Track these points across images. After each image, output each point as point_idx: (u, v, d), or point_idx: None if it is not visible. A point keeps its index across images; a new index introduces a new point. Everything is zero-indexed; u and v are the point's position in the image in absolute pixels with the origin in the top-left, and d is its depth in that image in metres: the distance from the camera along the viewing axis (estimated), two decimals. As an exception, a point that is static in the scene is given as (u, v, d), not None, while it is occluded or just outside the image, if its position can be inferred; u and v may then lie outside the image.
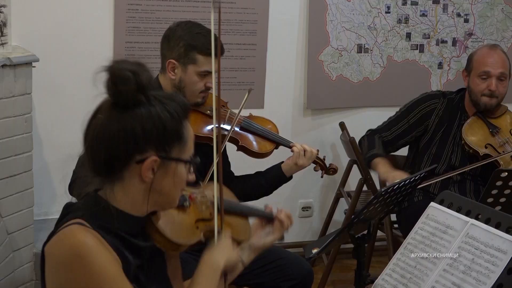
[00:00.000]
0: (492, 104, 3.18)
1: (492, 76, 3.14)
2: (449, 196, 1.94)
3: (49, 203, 3.63)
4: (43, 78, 3.36)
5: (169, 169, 1.59)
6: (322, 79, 4.06)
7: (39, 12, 3.44)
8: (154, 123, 1.55)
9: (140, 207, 1.62)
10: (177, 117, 1.59)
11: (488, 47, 3.28)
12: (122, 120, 1.55)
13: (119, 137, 1.55)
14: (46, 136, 3.55)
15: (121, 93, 1.54)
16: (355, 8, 4.04)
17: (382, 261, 3.74)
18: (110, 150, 1.56)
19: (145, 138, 1.55)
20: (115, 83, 1.54)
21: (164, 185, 1.60)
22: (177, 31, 2.58)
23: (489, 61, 3.16)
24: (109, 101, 1.58)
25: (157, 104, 1.57)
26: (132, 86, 1.54)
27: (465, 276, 1.71)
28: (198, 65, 2.55)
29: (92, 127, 1.59)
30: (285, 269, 2.66)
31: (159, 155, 1.57)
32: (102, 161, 1.57)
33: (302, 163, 2.73)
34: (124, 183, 1.59)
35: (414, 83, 4.05)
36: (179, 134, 1.60)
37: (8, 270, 3.10)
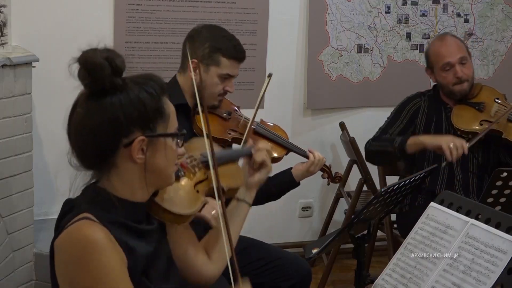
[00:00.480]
0: (466, 89, 3.19)
1: (453, 64, 3.16)
2: (449, 196, 1.94)
3: (49, 203, 3.63)
4: (43, 78, 3.36)
5: (158, 146, 1.61)
6: (322, 79, 4.06)
7: (39, 12, 3.44)
8: (134, 105, 1.57)
9: (139, 192, 1.64)
10: (156, 95, 1.61)
11: (438, 39, 3.29)
12: (102, 108, 1.56)
13: (102, 126, 1.56)
14: (46, 136, 3.55)
15: (97, 80, 1.55)
16: (355, 8, 4.04)
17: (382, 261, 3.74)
18: (97, 141, 1.57)
19: (128, 121, 1.56)
20: (90, 71, 1.55)
21: (157, 162, 1.62)
22: (202, 32, 2.62)
23: (444, 52, 3.18)
24: (85, 93, 1.59)
25: (133, 86, 1.59)
26: (107, 71, 1.55)
27: (465, 276, 1.71)
28: (221, 67, 2.59)
29: (73, 123, 1.62)
30: (284, 269, 2.66)
31: (145, 134, 1.58)
32: (91, 154, 1.59)
33: (312, 170, 2.76)
34: (119, 169, 1.60)
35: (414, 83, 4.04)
36: (161, 110, 1.62)
37: (8, 270, 3.10)
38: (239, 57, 2.62)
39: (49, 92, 3.49)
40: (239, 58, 2.63)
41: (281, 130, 2.87)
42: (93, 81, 1.55)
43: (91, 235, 1.51)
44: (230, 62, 2.60)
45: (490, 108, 3.18)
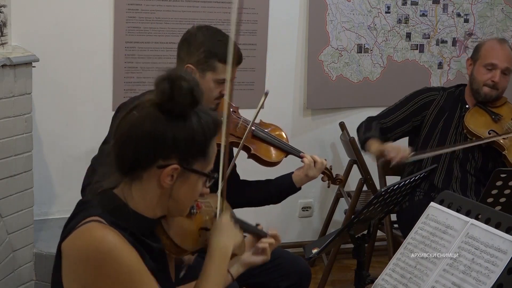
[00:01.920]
0: (492, 95, 3.23)
1: (497, 68, 3.19)
2: (449, 196, 1.94)
3: (49, 203, 3.63)
4: (43, 78, 3.36)
5: (187, 179, 1.62)
6: (322, 79, 4.06)
7: (39, 12, 3.44)
8: (185, 134, 1.58)
9: (152, 210, 1.64)
10: (208, 133, 1.62)
11: (498, 40, 3.32)
12: (157, 123, 1.57)
13: (149, 138, 1.57)
14: (46, 136, 3.55)
15: (175, 103, 1.56)
16: (355, 8, 4.04)
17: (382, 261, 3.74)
18: (138, 149, 1.58)
19: (173, 146, 1.58)
20: (174, 88, 1.55)
21: (181, 194, 1.63)
22: (198, 36, 2.55)
23: (497, 54, 3.21)
24: (152, 101, 1.59)
25: (193, 116, 1.60)
26: (188, 100, 1.57)
27: (465, 276, 1.71)
28: (217, 72, 2.53)
29: (125, 122, 1.61)
30: (283, 268, 2.66)
31: (181, 165, 1.59)
32: (127, 158, 1.59)
33: (312, 174, 2.71)
34: (142, 184, 1.61)
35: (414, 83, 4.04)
36: (205, 150, 1.63)
37: (8, 270, 3.10)
38: (236, 61, 2.56)
39: (49, 92, 3.49)
40: (236, 63, 2.56)
41: (280, 131, 2.84)
42: (171, 98, 1.56)
43: (102, 236, 1.51)
44: (226, 66, 2.52)
45: (505, 123, 3.21)
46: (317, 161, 2.71)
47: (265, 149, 2.73)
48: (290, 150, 2.77)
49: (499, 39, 3.40)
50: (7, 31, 3.11)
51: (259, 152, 2.71)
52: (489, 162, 3.22)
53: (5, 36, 3.11)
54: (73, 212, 1.65)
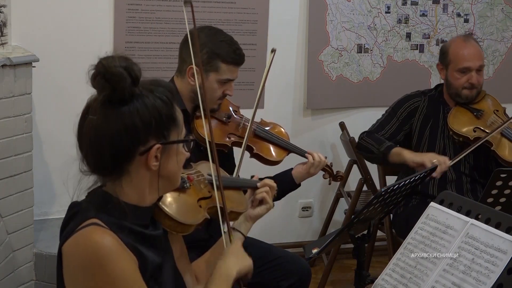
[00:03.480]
0: (473, 95, 3.20)
1: (472, 70, 3.15)
2: (449, 196, 1.94)
3: (49, 203, 3.63)
4: (43, 78, 3.36)
5: (170, 152, 1.63)
6: (322, 79, 4.06)
7: (39, 12, 3.44)
8: (151, 113, 1.58)
9: (147, 197, 1.64)
10: (168, 102, 1.62)
11: (462, 39, 3.26)
12: (119, 116, 1.56)
13: (120, 134, 1.56)
14: (46, 136, 3.55)
15: (117, 89, 1.55)
16: (355, 8, 4.04)
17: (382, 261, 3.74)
18: (113, 148, 1.57)
19: (145, 129, 1.57)
20: (109, 80, 1.55)
21: (169, 168, 1.64)
22: (200, 37, 2.53)
23: (467, 55, 3.16)
24: (98, 99, 1.58)
25: (147, 93, 1.60)
26: (128, 81, 1.55)
27: (465, 276, 1.71)
28: (220, 73, 2.55)
29: (86, 130, 1.59)
30: (283, 268, 2.66)
31: (161, 142, 1.60)
32: (106, 161, 1.58)
33: (313, 172, 2.73)
34: (131, 176, 1.61)
35: (414, 83, 4.04)
36: (174, 117, 1.64)
37: (8, 270, 3.10)
38: (238, 61, 2.58)
39: (49, 92, 3.49)
40: (239, 63, 2.59)
41: (280, 129, 2.85)
42: (113, 90, 1.55)
43: (100, 241, 1.51)
44: (230, 67, 2.56)
45: (487, 118, 3.19)
46: (321, 161, 2.74)
47: (268, 148, 2.75)
48: (292, 148, 2.78)
49: (463, 37, 3.33)
50: (7, 31, 3.11)
51: (262, 151, 2.73)
52: (481, 159, 3.21)
53: (5, 36, 3.11)
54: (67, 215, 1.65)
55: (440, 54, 3.30)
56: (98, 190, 1.64)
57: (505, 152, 3.10)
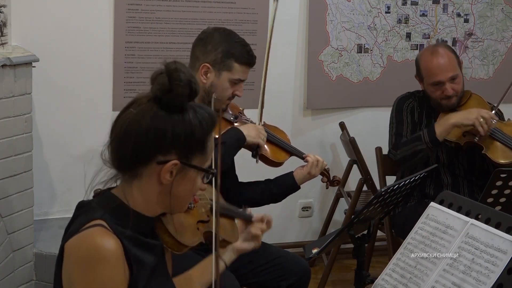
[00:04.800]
0: (454, 103, 3.16)
1: (444, 82, 3.11)
2: (449, 196, 1.94)
3: (49, 203, 3.63)
4: (43, 78, 3.36)
5: (186, 175, 1.62)
6: (322, 79, 4.06)
7: (39, 12, 3.44)
8: (185, 129, 1.58)
9: (152, 207, 1.65)
10: (206, 128, 1.62)
11: (430, 51, 3.19)
12: (156, 117, 1.57)
13: (149, 134, 1.57)
14: (46, 136, 3.55)
15: (174, 96, 1.56)
16: (355, 8, 4.04)
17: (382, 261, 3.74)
18: (136, 145, 1.57)
19: (172, 141, 1.58)
20: (172, 81, 1.55)
21: (180, 190, 1.63)
22: (215, 36, 2.60)
23: (436, 69, 3.11)
24: (149, 97, 1.59)
25: (191, 110, 1.60)
26: (186, 91, 1.56)
27: (465, 276, 1.71)
28: (233, 72, 2.59)
29: (122, 120, 1.60)
30: (283, 268, 2.67)
31: (180, 160, 1.59)
32: (125, 155, 1.59)
33: (314, 173, 2.77)
34: (142, 182, 1.61)
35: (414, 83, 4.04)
36: (204, 144, 1.63)
37: (8, 270, 3.10)
38: (251, 62, 2.64)
39: (49, 92, 3.49)
40: (251, 64, 2.64)
41: (282, 133, 2.90)
42: (169, 92, 1.56)
43: (102, 244, 1.52)
44: (242, 67, 2.60)
45: None
46: (319, 160, 2.78)
47: (273, 150, 2.79)
48: (294, 151, 2.83)
49: (431, 49, 3.23)
50: (7, 31, 3.11)
51: (268, 153, 2.77)
52: (475, 160, 3.20)
53: (5, 36, 3.11)
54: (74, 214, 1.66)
55: (416, 66, 3.27)
56: (106, 192, 1.65)
57: (497, 155, 3.08)
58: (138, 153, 1.58)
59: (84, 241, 1.54)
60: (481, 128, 2.97)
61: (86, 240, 1.53)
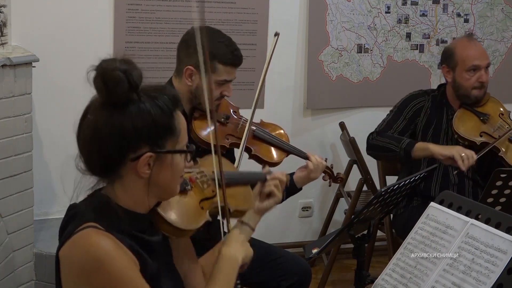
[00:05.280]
0: (482, 95, 3.19)
1: (481, 68, 3.14)
2: (449, 196, 1.94)
3: (49, 203, 3.63)
4: (43, 78, 3.36)
5: (165, 162, 1.60)
6: (322, 79, 4.06)
7: (39, 12, 3.44)
8: (145, 120, 1.56)
9: (142, 203, 1.63)
10: (168, 111, 1.59)
11: (466, 39, 3.26)
12: (112, 119, 1.55)
13: (110, 136, 1.55)
14: (46, 136, 3.55)
15: (113, 93, 1.54)
16: (355, 8, 4.04)
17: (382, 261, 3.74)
18: (103, 150, 1.56)
19: (136, 135, 1.55)
20: (107, 83, 1.54)
21: (163, 177, 1.61)
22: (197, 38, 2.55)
23: (475, 54, 3.16)
24: (98, 100, 1.58)
25: (146, 99, 1.58)
26: (125, 86, 1.54)
27: (465, 276, 1.71)
28: (218, 74, 2.52)
29: (83, 128, 1.59)
30: (283, 268, 2.66)
31: (153, 150, 1.57)
32: (96, 162, 1.58)
33: (314, 176, 2.69)
34: (123, 181, 1.59)
35: (414, 83, 4.05)
36: (171, 127, 1.60)
37: (8, 270, 3.10)
38: (235, 63, 2.56)
39: (49, 92, 3.49)
40: (236, 64, 2.57)
41: (280, 130, 2.83)
42: (109, 93, 1.54)
43: (97, 243, 1.50)
44: (227, 68, 2.53)
45: (494, 123, 3.16)
46: (320, 164, 2.70)
47: (266, 149, 2.73)
48: (292, 150, 2.76)
49: (467, 37, 3.32)
50: (7, 31, 3.11)
51: (260, 152, 2.70)
52: (485, 163, 3.19)
53: (5, 36, 3.11)
54: (65, 217, 1.64)
55: (444, 57, 3.26)
56: (97, 193, 1.63)
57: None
58: (108, 157, 1.56)
59: (79, 245, 1.52)
60: (461, 162, 2.96)
61: (80, 243, 1.52)
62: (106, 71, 1.55)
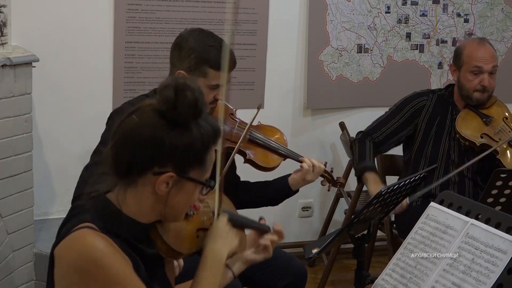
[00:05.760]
0: (484, 98, 3.18)
1: (484, 71, 3.13)
2: (449, 196, 1.94)
3: (49, 203, 3.63)
4: (43, 78, 3.36)
5: (183, 187, 1.61)
6: (322, 79, 4.06)
7: (39, 12, 3.44)
8: (184, 143, 1.57)
9: (146, 215, 1.63)
10: (207, 142, 1.60)
11: (477, 41, 3.25)
12: (157, 129, 1.55)
13: (146, 144, 1.55)
14: (46, 136, 3.55)
15: (177, 113, 1.54)
16: (355, 8, 4.04)
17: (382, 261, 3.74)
18: (134, 153, 1.56)
19: (169, 154, 1.56)
20: (178, 97, 1.54)
21: (177, 201, 1.62)
22: (189, 41, 2.49)
23: (480, 55, 3.15)
24: (153, 106, 1.57)
25: (194, 125, 1.58)
26: (191, 111, 1.55)
27: (465, 276, 1.71)
28: (209, 78, 2.48)
29: (124, 125, 1.59)
30: (279, 268, 2.63)
31: (176, 173, 1.58)
32: (123, 161, 1.58)
33: (310, 179, 2.67)
34: (137, 189, 1.60)
35: (414, 83, 4.05)
36: (203, 159, 1.61)
37: (8, 270, 3.10)
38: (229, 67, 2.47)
39: (49, 92, 3.49)
40: (230, 68, 2.46)
41: (278, 134, 2.78)
42: (173, 110, 1.55)
43: (92, 243, 1.51)
44: (218, 72, 2.46)
45: (496, 125, 3.16)
46: (315, 166, 2.67)
47: (262, 154, 2.69)
48: (288, 154, 2.72)
49: (478, 39, 3.31)
50: (7, 31, 3.11)
51: (255, 157, 2.67)
52: (485, 164, 3.18)
53: (5, 36, 3.10)
54: (66, 216, 1.65)
55: (454, 56, 3.29)
56: (101, 196, 1.63)
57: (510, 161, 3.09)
58: (134, 161, 1.57)
59: (74, 245, 1.52)
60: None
61: (75, 243, 1.52)
62: (184, 87, 1.55)
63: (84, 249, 1.50)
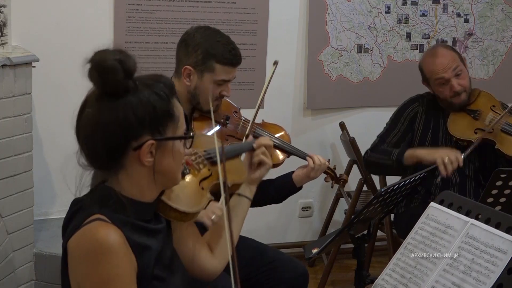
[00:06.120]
0: (464, 99, 3.17)
1: (449, 79, 3.12)
2: (449, 196, 1.94)
3: (49, 203, 3.63)
4: (43, 78, 3.36)
5: (166, 148, 1.62)
6: (322, 79, 4.06)
7: (39, 12, 3.44)
8: (145, 108, 1.57)
9: (147, 192, 1.65)
10: (166, 98, 1.62)
11: (430, 53, 3.23)
12: (113, 109, 1.56)
13: (112, 127, 1.56)
14: (46, 136, 3.55)
15: (109, 82, 1.55)
16: (355, 8, 4.04)
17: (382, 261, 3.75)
18: (106, 141, 1.57)
19: (138, 124, 1.57)
20: (102, 73, 1.55)
21: (165, 164, 1.63)
22: (195, 37, 2.53)
23: (438, 67, 3.13)
24: (95, 92, 1.59)
25: (144, 88, 1.59)
26: (120, 74, 1.55)
27: (465, 276, 1.71)
28: (215, 74, 2.51)
29: (82, 122, 1.60)
30: (279, 271, 2.63)
31: (154, 138, 1.59)
32: (100, 154, 1.59)
33: (314, 176, 2.68)
34: (127, 171, 1.61)
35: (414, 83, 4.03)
36: (170, 113, 1.62)
37: (8, 270, 3.10)
38: (234, 62, 2.54)
39: (49, 92, 3.49)
40: (234, 64, 2.55)
41: (282, 131, 2.82)
42: (105, 83, 1.56)
43: (105, 237, 1.52)
44: (225, 68, 2.52)
45: (486, 116, 3.16)
46: (321, 163, 2.68)
47: None
48: (293, 151, 2.74)
49: (431, 50, 3.28)
50: (7, 31, 3.11)
51: None
52: (487, 161, 3.19)
53: (5, 36, 3.10)
54: (69, 211, 1.65)
55: (420, 72, 3.28)
56: (100, 186, 1.64)
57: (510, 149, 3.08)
58: (111, 148, 1.58)
59: (86, 237, 1.53)
60: (443, 168, 2.93)
61: (88, 235, 1.53)
62: (100, 62, 1.56)
63: (96, 242, 1.51)
